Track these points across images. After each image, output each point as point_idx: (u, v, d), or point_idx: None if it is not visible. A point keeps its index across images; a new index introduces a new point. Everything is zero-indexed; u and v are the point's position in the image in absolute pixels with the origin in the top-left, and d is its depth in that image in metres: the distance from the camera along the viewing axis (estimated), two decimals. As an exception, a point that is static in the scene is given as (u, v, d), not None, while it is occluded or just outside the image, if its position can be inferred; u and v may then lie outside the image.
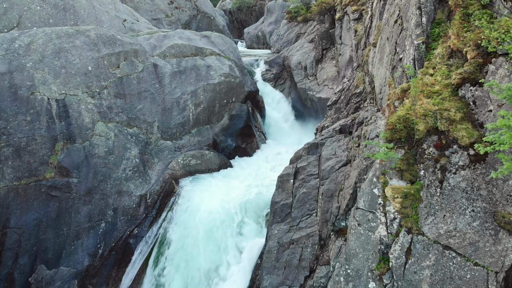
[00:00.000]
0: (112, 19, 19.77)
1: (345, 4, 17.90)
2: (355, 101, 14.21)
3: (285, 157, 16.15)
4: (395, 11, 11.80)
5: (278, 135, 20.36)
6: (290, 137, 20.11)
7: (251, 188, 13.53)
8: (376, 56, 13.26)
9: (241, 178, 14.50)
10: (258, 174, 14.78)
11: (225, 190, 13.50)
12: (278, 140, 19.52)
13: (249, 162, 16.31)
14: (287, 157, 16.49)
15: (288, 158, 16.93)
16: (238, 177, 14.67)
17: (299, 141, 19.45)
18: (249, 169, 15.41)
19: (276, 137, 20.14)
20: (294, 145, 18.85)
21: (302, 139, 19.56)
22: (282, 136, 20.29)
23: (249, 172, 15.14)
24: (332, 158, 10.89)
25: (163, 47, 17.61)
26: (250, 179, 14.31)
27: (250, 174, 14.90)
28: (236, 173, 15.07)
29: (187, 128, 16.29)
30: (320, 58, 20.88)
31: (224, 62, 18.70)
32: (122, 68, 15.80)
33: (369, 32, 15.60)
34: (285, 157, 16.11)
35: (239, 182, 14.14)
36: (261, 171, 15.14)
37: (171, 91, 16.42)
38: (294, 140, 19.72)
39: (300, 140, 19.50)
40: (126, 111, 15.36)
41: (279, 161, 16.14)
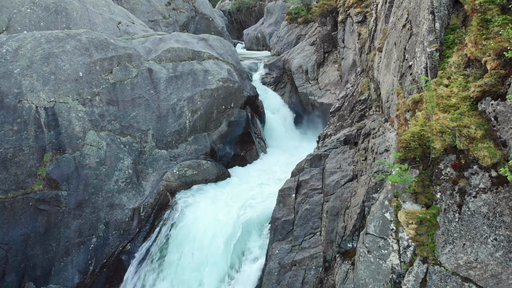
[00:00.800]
0: (106, 22, 19.05)
1: (348, 6, 17.19)
2: (359, 108, 13.50)
3: (286, 168, 15.46)
4: (403, 15, 11.09)
5: (278, 141, 19.65)
6: (291, 143, 19.40)
7: (250, 201, 12.82)
8: (382, 62, 12.55)
9: (239, 190, 13.79)
10: (258, 186, 14.07)
11: (222, 204, 12.81)
12: (278, 147, 18.81)
13: (249, 172, 15.60)
14: (288, 168, 15.80)
15: (289, 167, 16.26)
16: (237, 189, 13.96)
17: (300, 148, 18.76)
18: (248, 180, 14.70)
19: (276, 143, 19.43)
20: (296, 152, 18.16)
21: (304, 146, 18.89)
22: (283, 142, 19.58)
23: (248, 183, 14.43)
24: (337, 172, 10.18)
25: (158, 51, 16.90)
26: (249, 191, 13.60)
27: (249, 185, 14.19)
28: (235, 185, 14.35)
29: (183, 136, 15.57)
30: (322, 62, 20.17)
31: (223, 66, 18.00)
32: (115, 74, 15.09)
33: (374, 35, 14.89)
34: (287, 168, 15.42)
35: (237, 194, 13.43)
36: (261, 182, 14.43)
37: (167, 97, 15.71)
38: (295, 146, 19.03)
39: (302, 147, 18.81)
40: (119, 119, 14.65)
41: (280, 171, 15.44)
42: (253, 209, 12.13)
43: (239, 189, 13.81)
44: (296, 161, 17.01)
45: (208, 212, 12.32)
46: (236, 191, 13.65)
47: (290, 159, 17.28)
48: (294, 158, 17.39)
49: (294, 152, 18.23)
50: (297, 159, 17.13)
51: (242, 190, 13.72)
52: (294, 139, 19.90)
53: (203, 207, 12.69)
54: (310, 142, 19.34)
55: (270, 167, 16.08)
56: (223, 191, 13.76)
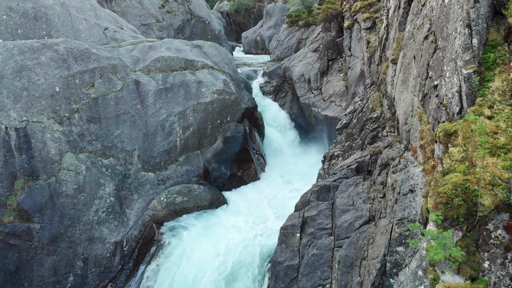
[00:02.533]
0: (91, 28, 17.50)
1: (355, 11, 15.65)
2: (371, 127, 11.98)
3: (288, 191, 13.98)
4: (424, 24, 9.56)
5: (279, 157, 18.13)
6: (293, 159, 17.88)
7: (248, 234, 11.31)
8: (398, 76, 11.02)
9: (235, 221, 12.26)
10: (257, 215, 12.55)
11: (216, 239, 11.28)
12: (279, 164, 17.29)
13: (246, 197, 14.06)
14: (290, 192, 14.28)
15: (291, 190, 14.74)
16: (232, 219, 12.43)
17: (303, 165, 17.25)
18: (246, 207, 13.17)
19: (277, 159, 17.91)
20: (298, 170, 16.65)
21: (307, 163, 17.40)
22: (284, 158, 18.06)
23: (246, 211, 12.91)
24: (349, 210, 8.65)
25: (147, 60, 15.35)
26: (247, 223, 12.08)
27: (246, 214, 12.67)
28: (230, 214, 12.82)
29: (173, 155, 14.03)
30: (326, 70, 18.64)
31: (218, 76, 16.46)
32: (98, 87, 13.55)
33: (385, 44, 13.36)
34: (289, 193, 13.96)
35: (234, 226, 11.92)
36: (261, 210, 12.91)
37: (155, 113, 14.17)
38: (298, 163, 17.50)
39: (305, 164, 17.31)
40: (101, 139, 13.10)
41: (281, 195, 13.94)
42: (250, 248, 10.60)
43: (234, 220, 12.28)
44: (298, 182, 15.53)
45: (197, 251, 10.79)
46: (231, 222, 12.13)
47: (292, 179, 15.79)
48: (296, 178, 15.90)
49: (296, 170, 16.73)
50: (299, 180, 15.65)
51: (238, 221, 12.20)
52: (296, 154, 18.38)
53: (193, 243, 11.15)
54: (314, 159, 17.84)
55: (270, 190, 14.55)
56: (216, 223, 12.23)
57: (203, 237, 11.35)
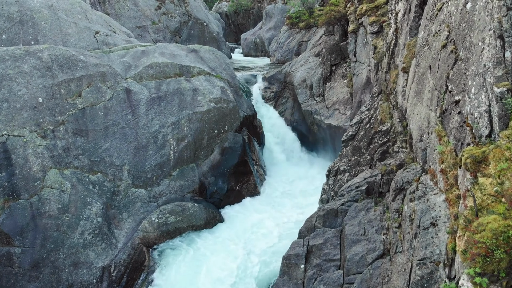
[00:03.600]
0: (80, 32, 16.55)
1: (360, 14, 14.72)
2: (380, 141, 11.05)
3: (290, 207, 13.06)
4: (441, 31, 8.63)
5: (280, 167, 17.21)
6: (295, 170, 16.96)
7: (246, 262, 10.36)
8: (410, 87, 10.09)
9: (233, 244, 11.33)
10: (256, 237, 11.62)
11: (211, 264, 10.35)
12: (280, 176, 16.37)
13: (245, 214, 13.13)
14: (293, 208, 13.36)
15: (294, 206, 13.82)
16: (231, 240, 11.50)
17: (306, 177, 16.34)
18: (245, 227, 12.24)
19: (278, 170, 16.98)
20: (300, 183, 15.72)
21: (310, 174, 16.49)
22: (285, 168, 17.14)
23: (245, 232, 11.98)
24: (360, 240, 7.72)
25: (139, 67, 14.41)
26: (245, 246, 11.14)
27: (245, 235, 11.74)
28: (227, 234, 11.88)
29: (166, 170, 13.09)
30: (329, 76, 17.71)
31: (215, 83, 15.53)
32: (85, 97, 12.62)
33: (394, 50, 12.43)
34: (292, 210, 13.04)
35: (230, 251, 10.97)
36: (260, 230, 11.99)
37: (147, 124, 13.23)
38: (300, 174, 16.60)
39: (308, 175, 16.39)
40: (89, 153, 12.17)
41: (284, 213, 13.02)
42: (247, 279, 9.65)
43: (231, 243, 11.34)
44: (301, 196, 14.59)
45: (192, 277, 9.84)
46: (227, 246, 11.19)
47: (294, 193, 14.86)
48: (299, 192, 14.97)
49: (298, 183, 15.81)
50: (302, 194, 14.71)
51: (236, 243, 11.26)
52: (298, 164, 17.46)
53: (183, 273, 10.20)
54: (317, 170, 16.95)
55: (270, 207, 13.62)
56: (212, 245, 11.30)
57: (195, 265, 10.41)
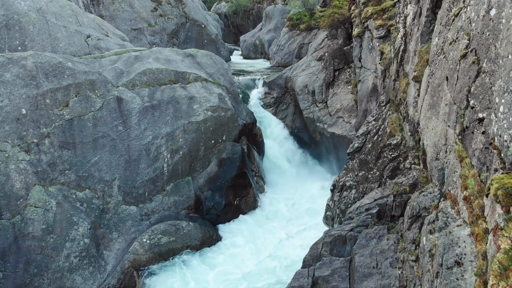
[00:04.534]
0: (71, 36, 15.73)
1: (365, 17, 13.90)
2: (389, 156, 10.23)
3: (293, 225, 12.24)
4: (460, 39, 7.81)
5: (281, 178, 16.39)
6: (297, 181, 16.15)
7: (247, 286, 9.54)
8: (424, 99, 9.27)
9: (230, 267, 10.51)
10: (257, 259, 10.79)
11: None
12: (281, 187, 15.55)
13: (243, 232, 12.30)
14: (295, 227, 12.56)
15: (297, 223, 13.01)
16: (227, 264, 10.67)
17: (308, 189, 15.53)
18: (243, 247, 11.42)
19: (278, 181, 16.17)
20: (303, 195, 14.91)
21: (313, 185, 15.67)
22: (286, 178, 16.32)
23: (243, 253, 11.16)
24: (373, 274, 6.90)
25: (131, 74, 13.59)
26: (244, 270, 10.32)
27: (244, 258, 10.91)
28: (225, 257, 11.05)
29: (159, 184, 12.27)
30: (332, 81, 16.90)
31: (213, 90, 14.71)
32: (73, 107, 11.80)
33: (403, 57, 11.61)
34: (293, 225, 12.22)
35: (227, 278, 10.13)
36: (260, 252, 11.16)
37: (139, 135, 12.41)
38: (302, 186, 15.78)
39: (310, 186, 15.57)
40: (76, 167, 11.35)
41: (285, 230, 12.21)
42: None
43: (228, 267, 10.51)
44: (304, 211, 13.78)
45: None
46: (224, 270, 10.37)
47: (296, 206, 14.04)
48: (301, 206, 14.16)
49: (300, 195, 15.00)
50: (305, 209, 13.90)
51: (234, 266, 10.44)
52: (299, 175, 16.64)
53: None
54: (320, 181, 16.15)
55: (271, 224, 12.80)
56: (207, 268, 10.47)
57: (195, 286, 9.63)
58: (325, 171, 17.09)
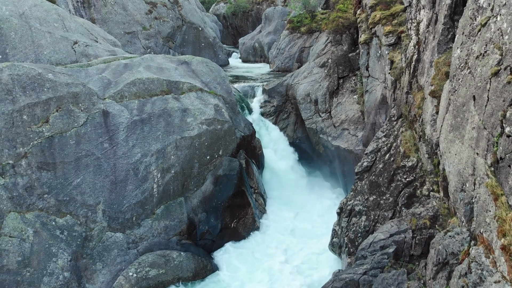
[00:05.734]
0: (56, 42, 14.66)
1: (373, 23, 12.83)
2: (404, 179, 9.18)
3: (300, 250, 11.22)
4: (489, 54, 6.74)
5: (282, 193, 15.34)
6: (299, 197, 15.11)
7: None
8: (444, 118, 8.20)
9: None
10: None
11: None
12: (283, 205, 14.51)
13: (241, 259, 11.24)
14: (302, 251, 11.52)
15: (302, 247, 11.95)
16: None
17: (312, 207, 14.52)
18: (242, 278, 10.35)
19: (279, 197, 15.12)
20: (306, 214, 13.87)
21: (316, 202, 14.66)
22: (287, 195, 15.27)
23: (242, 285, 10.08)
24: (390, 333, 5.85)
25: (120, 84, 12.53)
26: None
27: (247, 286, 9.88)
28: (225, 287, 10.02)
29: (148, 207, 11.20)
30: (336, 90, 15.84)
31: (208, 100, 13.64)
32: (53, 123, 10.74)
33: (417, 68, 10.56)
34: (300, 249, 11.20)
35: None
36: (261, 281, 10.09)
37: (127, 153, 11.35)
38: (305, 203, 14.74)
39: (314, 205, 14.54)
40: (56, 191, 10.29)
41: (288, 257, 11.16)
42: None
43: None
44: (308, 234, 12.74)
45: None
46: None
47: (299, 228, 12.99)
48: (305, 227, 13.12)
49: (304, 214, 13.96)
50: (309, 231, 12.86)
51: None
52: (302, 190, 15.60)
53: None
54: (324, 196, 15.15)
55: (272, 247, 11.73)
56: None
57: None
58: (329, 185, 16.07)
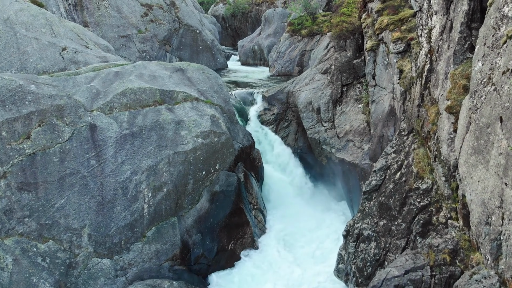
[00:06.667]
0: (43, 49, 13.83)
1: (380, 28, 11.99)
2: (417, 203, 8.35)
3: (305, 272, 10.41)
4: (521, 68, 5.91)
5: (283, 207, 14.53)
6: (301, 209, 14.31)
7: None
8: (464, 138, 7.36)
9: None
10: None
11: None
12: (284, 220, 13.69)
13: (239, 285, 10.40)
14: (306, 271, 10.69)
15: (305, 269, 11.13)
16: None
17: (314, 220, 13.74)
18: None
19: (279, 211, 14.31)
20: (309, 233, 13.05)
21: (319, 219, 13.86)
22: (289, 209, 14.45)
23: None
24: None
25: (109, 95, 11.70)
26: None
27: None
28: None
29: (138, 230, 10.36)
30: (339, 98, 15.01)
31: (204, 111, 12.80)
32: (35, 139, 9.92)
33: (429, 78, 9.72)
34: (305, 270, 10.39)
35: None
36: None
37: (115, 170, 10.51)
38: (306, 215, 13.96)
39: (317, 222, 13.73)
40: (38, 214, 9.45)
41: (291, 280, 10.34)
42: None
43: None
44: (312, 255, 11.92)
45: None
46: None
47: (302, 249, 12.17)
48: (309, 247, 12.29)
49: (305, 229, 13.15)
50: (313, 252, 12.04)
51: None
52: (304, 202, 14.82)
53: None
54: (328, 210, 14.34)
55: (273, 271, 10.91)
56: None
57: None
58: (332, 198, 15.25)
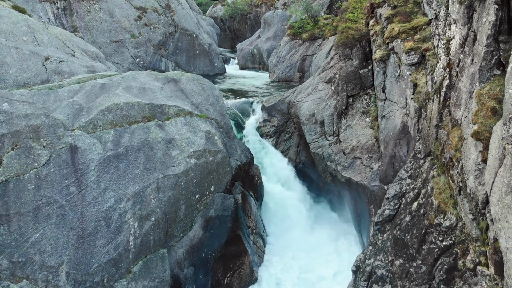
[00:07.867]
0: (24, 59, 12.75)
1: (390, 37, 10.90)
2: (439, 242, 7.28)
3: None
4: None
5: (284, 230, 13.50)
6: (304, 233, 13.26)
7: None
8: (497, 172, 6.25)
9: None
10: None
11: None
12: (285, 245, 12.65)
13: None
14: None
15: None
16: None
17: (319, 244, 12.67)
18: None
19: (281, 235, 13.26)
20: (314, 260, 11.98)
21: (324, 244, 12.80)
22: (291, 231, 13.46)
23: None
24: None
25: (93, 111, 10.62)
26: None
27: None
28: None
29: (123, 266, 9.28)
30: (345, 110, 13.92)
31: (199, 127, 11.73)
32: (8, 164, 8.84)
33: (449, 95, 8.63)
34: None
35: None
36: None
37: (98, 198, 9.42)
38: (310, 240, 12.90)
39: (321, 243, 12.68)
40: (10, 250, 8.38)
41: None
42: None
43: None
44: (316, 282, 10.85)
45: None
46: None
47: (306, 275, 11.09)
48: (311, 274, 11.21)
49: (310, 254, 12.09)
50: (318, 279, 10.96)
51: None
52: (307, 223, 13.80)
53: None
54: (334, 231, 13.30)
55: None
56: None
57: None
58: (337, 218, 14.21)
